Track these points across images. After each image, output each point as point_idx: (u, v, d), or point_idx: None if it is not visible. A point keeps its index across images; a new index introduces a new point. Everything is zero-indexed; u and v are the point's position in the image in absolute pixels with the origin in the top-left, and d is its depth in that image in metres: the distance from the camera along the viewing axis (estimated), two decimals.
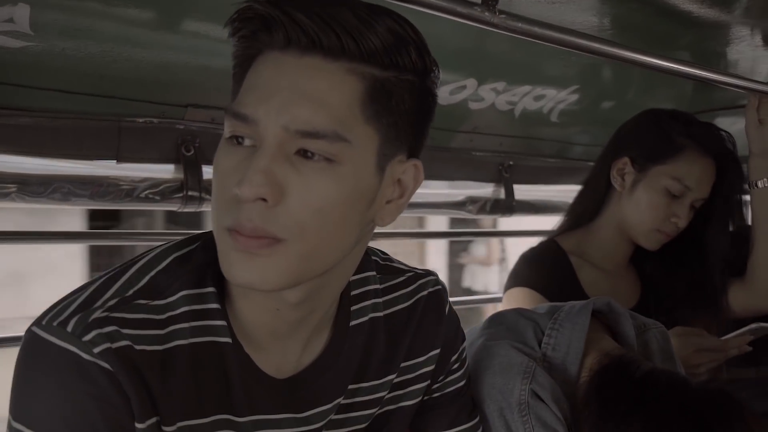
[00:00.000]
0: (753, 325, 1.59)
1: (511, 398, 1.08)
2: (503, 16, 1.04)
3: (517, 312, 1.26)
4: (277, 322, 0.85)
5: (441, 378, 1.04)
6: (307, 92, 0.75)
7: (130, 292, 0.81)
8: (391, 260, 1.03)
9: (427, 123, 0.87)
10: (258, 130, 0.75)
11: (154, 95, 1.35)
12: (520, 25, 1.07)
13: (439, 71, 0.85)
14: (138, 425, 0.78)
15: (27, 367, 0.77)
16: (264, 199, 0.74)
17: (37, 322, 0.78)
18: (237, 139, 0.77)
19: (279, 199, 0.74)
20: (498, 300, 1.94)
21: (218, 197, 0.77)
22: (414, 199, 1.83)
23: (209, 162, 1.45)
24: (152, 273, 0.83)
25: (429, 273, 1.04)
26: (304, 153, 0.75)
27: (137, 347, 0.78)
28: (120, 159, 1.33)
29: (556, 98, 1.87)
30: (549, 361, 1.15)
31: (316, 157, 0.75)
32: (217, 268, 0.81)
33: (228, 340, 0.84)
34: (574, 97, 1.90)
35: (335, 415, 0.93)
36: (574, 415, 1.10)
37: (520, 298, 1.62)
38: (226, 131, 0.78)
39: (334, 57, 0.76)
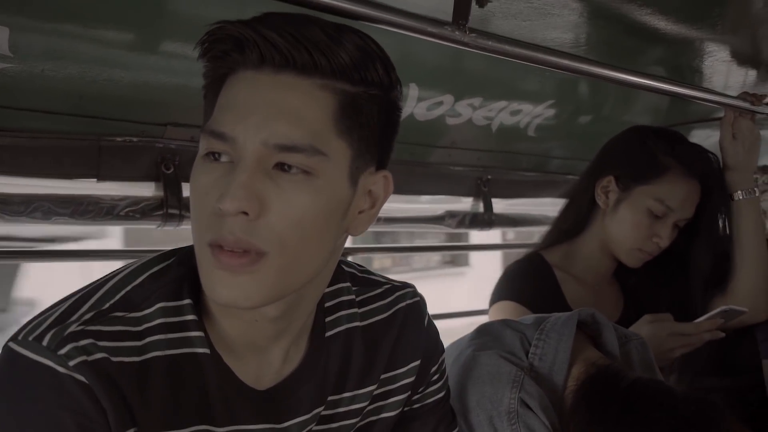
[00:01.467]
0: (723, 307, 1.61)
1: (501, 407, 1.10)
2: (473, 35, 1.06)
3: (504, 323, 1.28)
4: (255, 335, 0.87)
5: (421, 389, 1.05)
6: (284, 108, 0.77)
7: (106, 305, 0.82)
8: (369, 273, 1.04)
9: (394, 136, 0.88)
10: (236, 147, 0.77)
11: (134, 114, 1.36)
12: (490, 43, 1.09)
13: (401, 86, 0.87)
14: None
15: (3, 382, 0.78)
16: (245, 213, 0.75)
17: (14, 337, 0.79)
18: (213, 156, 0.79)
19: (259, 213, 0.76)
20: (478, 313, 1.96)
21: (198, 214, 0.79)
22: (393, 213, 1.88)
23: (189, 179, 1.47)
24: (128, 288, 0.84)
25: (407, 285, 1.06)
26: (281, 166, 0.77)
27: (114, 359, 0.79)
28: (100, 177, 1.33)
29: (532, 113, 1.90)
30: (536, 370, 1.17)
31: (293, 170, 0.77)
32: (194, 281, 0.83)
33: (206, 351, 0.85)
34: (551, 111, 1.93)
35: (316, 425, 0.94)
36: (562, 423, 1.12)
37: (505, 312, 1.63)
38: (202, 149, 0.80)
39: (307, 74, 0.78)
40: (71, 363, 0.76)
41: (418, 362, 1.02)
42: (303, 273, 0.82)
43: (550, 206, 1.90)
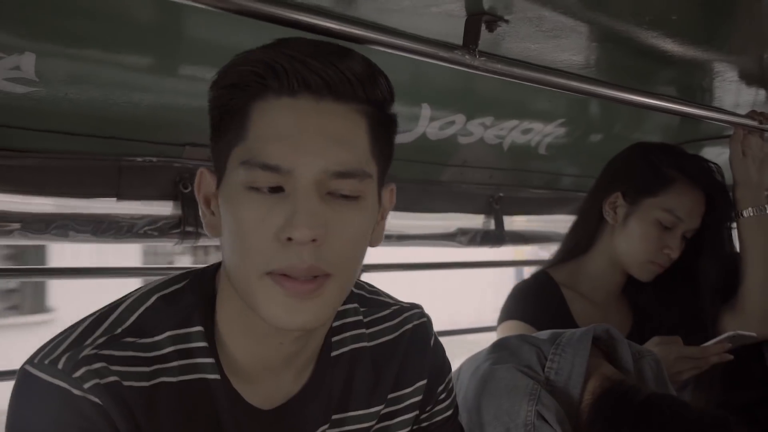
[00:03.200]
0: (731, 333, 1.62)
1: (518, 419, 1.12)
2: (483, 58, 1.09)
3: (521, 338, 1.29)
4: (275, 356, 0.89)
5: (429, 408, 1.06)
6: (334, 135, 0.79)
7: (119, 330, 0.84)
8: (378, 293, 1.06)
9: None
10: (291, 177, 0.78)
11: (153, 135, 1.40)
12: (500, 66, 1.12)
13: None
14: None
15: (19, 404, 0.81)
16: (314, 240, 0.77)
17: (29, 360, 0.81)
18: (257, 188, 0.79)
19: (325, 238, 0.78)
20: (485, 330, 1.97)
21: (250, 244, 0.79)
22: (405, 231, 1.90)
23: None
24: (140, 310, 0.87)
25: (414, 306, 1.07)
26: (332, 194, 0.80)
27: (125, 383, 0.81)
28: (120, 197, 1.36)
29: (543, 132, 1.92)
30: (552, 384, 1.19)
31: (345, 196, 0.80)
32: (205, 307, 0.85)
33: (216, 376, 0.87)
34: (562, 130, 1.95)
35: None
36: None
37: (513, 332, 1.64)
38: (246, 182, 0.79)
39: (344, 100, 0.81)
40: (86, 385, 0.78)
41: (424, 382, 1.03)
42: (350, 288, 0.86)
43: (562, 223, 1.91)
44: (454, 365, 1.16)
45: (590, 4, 1.19)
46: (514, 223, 2.12)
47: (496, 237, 2.03)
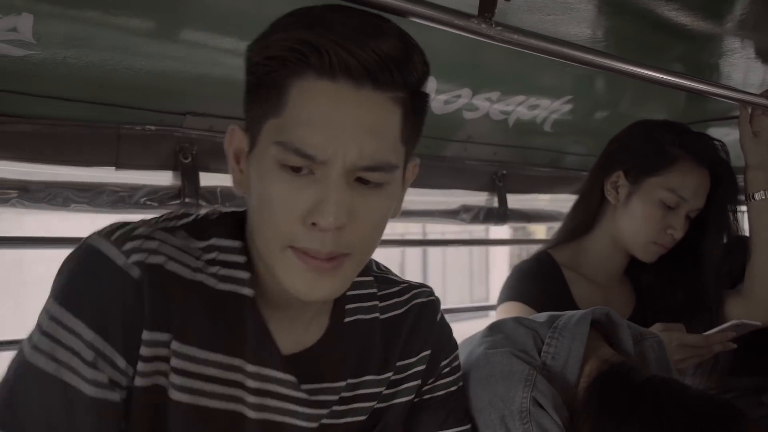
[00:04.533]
0: (735, 321, 1.59)
1: (513, 406, 1.09)
2: (499, 28, 1.05)
3: (517, 321, 1.27)
4: (291, 297, 0.91)
5: (431, 380, 1.09)
6: (368, 127, 0.82)
7: (177, 224, 0.91)
8: (388, 272, 1.10)
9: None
10: (325, 166, 0.81)
11: (153, 103, 1.37)
12: (516, 37, 1.08)
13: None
14: (146, 332, 0.84)
15: (71, 262, 0.86)
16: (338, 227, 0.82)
17: (91, 234, 0.86)
18: (290, 167, 0.82)
19: (348, 224, 0.83)
20: (488, 309, 1.96)
21: (277, 219, 0.84)
22: (408, 207, 1.87)
23: (207, 169, 1.48)
24: (197, 216, 0.94)
25: (423, 285, 1.11)
26: (360, 180, 0.84)
27: (168, 267, 0.86)
28: (119, 165, 1.34)
29: (549, 108, 1.89)
30: (548, 369, 1.16)
31: (371, 183, 0.84)
32: (243, 233, 0.93)
33: (250, 292, 0.91)
34: (568, 107, 1.92)
35: (338, 406, 0.99)
36: (573, 422, 1.11)
37: (512, 313, 1.62)
38: (278, 159, 0.82)
39: (382, 89, 0.82)
40: (130, 259, 0.84)
41: (428, 352, 1.07)
42: (366, 261, 0.93)
43: (566, 202, 1.89)
44: None
45: None
46: (517, 201, 2.10)
47: (500, 215, 2.01)
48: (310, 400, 0.95)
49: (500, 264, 9.93)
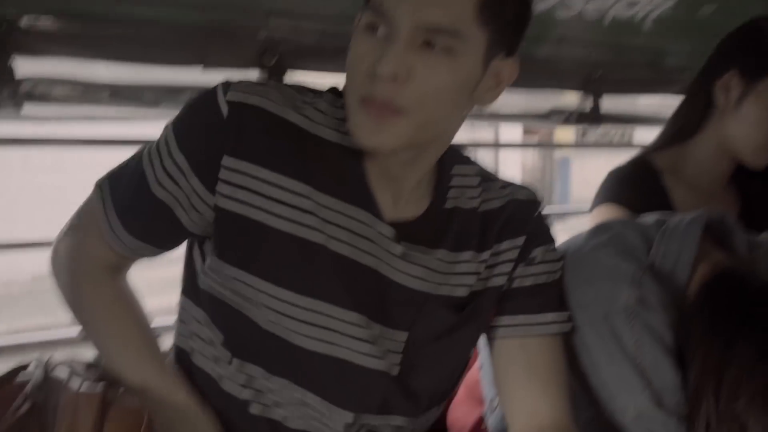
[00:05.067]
0: None
1: (618, 303, 1.08)
2: None
3: (624, 221, 1.24)
4: (390, 164, 1.00)
5: (521, 265, 1.10)
6: None
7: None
8: (491, 172, 1.15)
9: (526, 27, 0.98)
10: (393, 23, 0.89)
11: (239, 3, 1.37)
12: None
13: None
14: (227, 157, 0.94)
15: (191, 99, 1.01)
16: (395, 79, 0.89)
17: None
18: (372, 28, 0.91)
19: (406, 79, 0.89)
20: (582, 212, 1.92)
21: (354, 73, 0.93)
22: (497, 109, 1.83)
23: (292, 68, 1.48)
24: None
25: (525, 186, 1.14)
26: (427, 44, 0.90)
27: (265, 107, 0.96)
28: (206, 65, 1.36)
29: (651, 3, 1.79)
30: (657, 269, 1.13)
31: (437, 48, 0.90)
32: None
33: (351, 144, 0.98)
34: (670, 2, 1.81)
35: (432, 272, 1.05)
36: (682, 324, 1.09)
37: (610, 215, 1.58)
38: (363, 21, 0.92)
39: None
40: (229, 96, 0.95)
41: (524, 237, 1.10)
42: (431, 131, 0.97)
43: (664, 106, 1.80)
44: None
45: None
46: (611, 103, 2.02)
47: (593, 117, 1.95)
48: (407, 254, 1.02)
49: (512, 168, 9.92)
